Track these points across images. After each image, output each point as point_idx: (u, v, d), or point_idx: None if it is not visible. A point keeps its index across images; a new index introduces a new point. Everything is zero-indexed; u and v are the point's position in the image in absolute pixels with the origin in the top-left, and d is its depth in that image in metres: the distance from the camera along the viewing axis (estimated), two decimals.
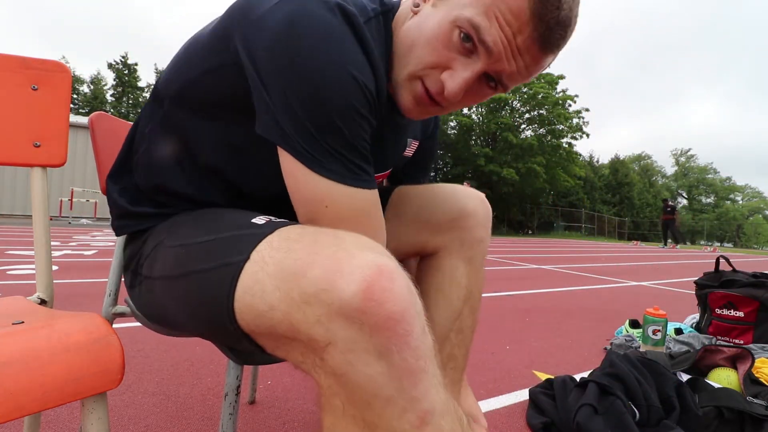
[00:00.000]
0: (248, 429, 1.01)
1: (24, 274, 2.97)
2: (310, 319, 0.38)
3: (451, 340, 0.77)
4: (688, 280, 4.52)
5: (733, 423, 1.01)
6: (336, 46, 0.45)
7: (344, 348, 0.37)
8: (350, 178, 0.48)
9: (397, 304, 0.37)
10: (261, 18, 0.45)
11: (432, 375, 0.40)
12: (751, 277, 1.78)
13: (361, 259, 0.38)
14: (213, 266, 0.46)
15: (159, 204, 0.62)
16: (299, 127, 0.45)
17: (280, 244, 0.43)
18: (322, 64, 0.44)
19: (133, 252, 0.63)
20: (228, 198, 0.61)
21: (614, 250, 11.14)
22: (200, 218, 0.56)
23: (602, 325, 2.26)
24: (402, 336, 0.37)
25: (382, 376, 0.37)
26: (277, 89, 0.45)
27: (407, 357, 0.37)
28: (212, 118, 0.55)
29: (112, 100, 24.25)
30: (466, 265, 0.77)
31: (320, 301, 0.38)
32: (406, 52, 0.55)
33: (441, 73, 0.53)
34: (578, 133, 22.47)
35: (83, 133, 12.92)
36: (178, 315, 0.53)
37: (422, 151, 0.84)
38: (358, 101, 0.46)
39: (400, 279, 0.39)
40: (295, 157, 0.47)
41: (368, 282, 0.37)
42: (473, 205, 0.77)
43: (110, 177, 0.65)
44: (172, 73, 0.57)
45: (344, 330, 0.37)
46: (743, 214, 43.50)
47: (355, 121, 0.46)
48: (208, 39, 0.52)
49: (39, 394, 0.39)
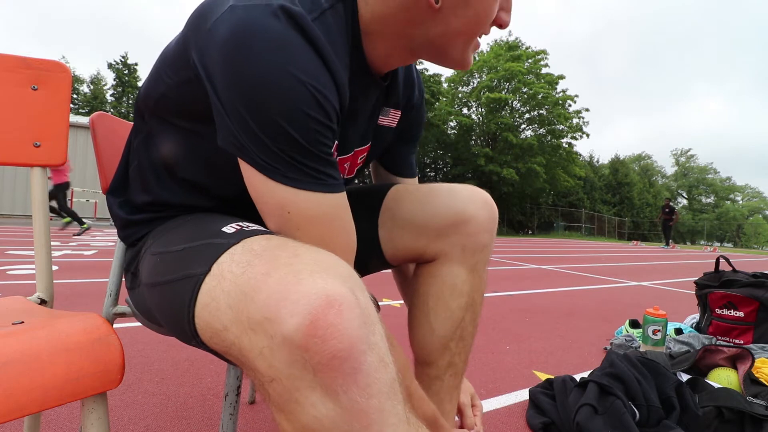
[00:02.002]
0: (248, 429, 1.01)
1: (24, 274, 2.96)
2: (255, 350, 0.36)
3: (452, 349, 0.76)
4: (688, 280, 4.52)
5: (733, 423, 1.01)
6: (282, 53, 0.44)
7: (288, 386, 0.35)
8: (310, 184, 0.47)
9: (342, 341, 0.34)
10: (210, 30, 0.45)
11: (389, 413, 0.37)
12: (751, 277, 1.78)
13: (309, 287, 0.36)
14: (177, 278, 0.46)
15: (154, 211, 0.63)
16: (252, 137, 0.45)
17: (241, 258, 0.41)
18: (266, 72, 0.43)
19: (132, 255, 0.64)
20: (216, 204, 0.61)
21: (614, 250, 11.13)
22: (183, 225, 0.56)
23: (602, 325, 2.26)
24: (349, 375, 0.35)
25: (328, 418, 0.35)
26: (229, 101, 0.44)
27: (356, 397, 0.35)
28: (184, 129, 0.55)
29: (112, 100, 24.24)
30: (468, 273, 0.74)
31: (264, 331, 0.35)
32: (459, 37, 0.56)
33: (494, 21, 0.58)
34: (578, 133, 22.46)
35: (83, 133, 12.93)
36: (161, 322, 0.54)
37: (408, 122, 0.80)
38: (308, 106, 0.45)
39: (350, 310, 0.35)
40: (253, 167, 0.46)
41: (312, 315, 0.34)
42: (475, 207, 0.73)
43: (110, 192, 0.67)
44: (149, 88, 0.57)
45: (287, 367, 0.35)
46: (743, 214, 43.49)
47: (307, 126, 0.45)
48: (173, 53, 0.52)
49: (39, 394, 0.39)
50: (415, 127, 0.84)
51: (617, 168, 37.27)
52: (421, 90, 0.82)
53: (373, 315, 0.38)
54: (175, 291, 0.45)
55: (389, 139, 0.78)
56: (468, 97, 23.89)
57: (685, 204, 47.14)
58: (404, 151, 0.85)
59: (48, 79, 0.71)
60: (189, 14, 0.51)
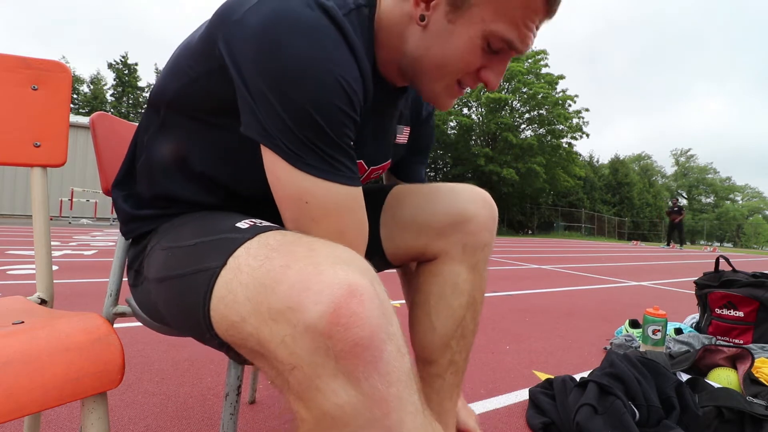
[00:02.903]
0: (248, 429, 1.01)
1: (24, 274, 2.96)
2: (276, 338, 0.37)
3: (453, 348, 0.76)
4: (688, 280, 4.52)
5: (733, 423, 1.01)
6: (315, 42, 0.45)
7: (310, 373, 0.36)
8: (330, 174, 0.48)
9: (365, 329, 0.35)
10: (242, 19, 0.46)
11: (407, 401, 0.38)
12: (751, 277, 1.78)
13: (331, 277, 0.37)
14: (191, 271, 0.46)
15: (161, 207, 0.62)
16: (279, 123, 0.45)
17: (257, 252, 0.42)
18: (300, 60, 0.44)
19: (137, 251, 0.64)
20: (226, 200, 0.61)
21: (614, 250, 11.13)
22: (193, 221, 0.56)
23: (602, 325, 2.26)
24: (370, 362, 0.35)
25: (350, 405, 0.35)
26: (258, 87, 0.45)
27: (377, 384, 0.36)
28: (206, 123, 0.55)
29: (112, 100, 24.24)
30: (468, 272, 0.74)
31: (286, 320, 0.36)
32: (437, 68, 0.56)
33: (478, 73, 0.57)
34: (578, 133, 22.46)
35: (83, 133, 12.92)
36: (168, 317, 0.54)
37: (418, 137, 0.83)
38: (337, 96, 0.46)
39: (370, 300, 0.36)
40: (276, 153, 0.47)
41: (336, 304, 0.35)
42: (475, 207, 0.74)
43: (115, 185, 0.66)
44: (166, 81, 0.57)
45: (309, 354, 0.35)
46: (743, 214, 43.51)
47: (334, 116, 0.46)
48: (197, 45, 0.52)
49: (39, 394, 0.39)
50: (425, 140, 0.87)
51: (617, 168, 37.27)
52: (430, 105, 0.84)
53: (391, 307, 0.39)
54: (188, 284, 0.45)
55: (401, 154, 0.81)
56: (468, 97, 23.89)
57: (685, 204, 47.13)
58: (415, 161, 0.88)
59: (48, 79, 0.71)
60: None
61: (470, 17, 0.52)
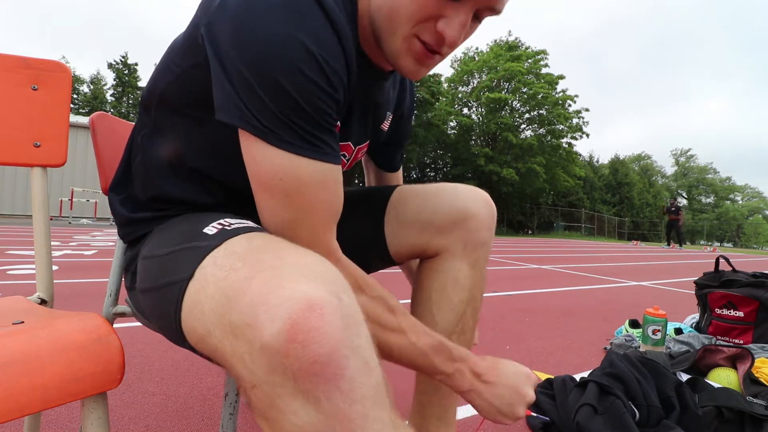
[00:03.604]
0: (248, 429, 1.01)
1: (24, 274, 2.96)
2: (236, 355, 0.35)
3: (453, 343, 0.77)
4: (688, 280, 4.52)
5: (733, 423, 1.01)
6: (294, 19, 0.43)
7: (269, 392, 0.34)
8: (308, 150, 0.47)
9: (323, 345, 0.33)
10: (221, 4, 0.45)
11: (373, 419, 0.35)
12: (750, 277, 1.78)
13: (290, 291, 0.34)
14: (162, 284, 0.46)
15: (157, 209, 0.63)
16: (253, 98, 0.44)
17: (224, 261, 0.41)
18: (278, 36, 0.43)
19: (132, 254, 0.64)
20: (219, 197, 0.61)
21: (614, 250, 11.13)
22: (170, 227, 0.56)
23: (602, 325, 2.26)
24: (331, 380, 0.34)
25: (311, 425, 0.34)
26: (232, 61, 0.44)
27: (338, 403, 0.34)
28: (196, 119, 0.55)
29: (112, 100, 24.25)
30: (469, 268, 0.76)
31: (244, 337, 0.35)
32: (390, 18, 0.52)
33: (435, 23, 0.51)
34: (578, 133, 22.48)
35: (83, 133, 12.92)
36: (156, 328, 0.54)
37: (397, 128, 0.83)
38: (315, 73, 0.45)
39: (332, 314, 0.34)
40: (252, 134, 0.45)
41: (292, 320, 0.33)
42: (476, 206, 0.76)
43: (112, 188, 0.66)
44: (155, 79, 0.57)
45: (267, 374, 0.34)
46: (743, 214, 43.52)
47: (312, 92, 0.45)
48: (182, 40, 0.52)
49: (39, 394, 0.39)
50: (403, 134, 0.88)
51: (617, 168, 37.30)
52: (413, 98, 0.85)
53: (358, 317, 0.37)
54: (162, 297, 0.45)
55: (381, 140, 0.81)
56: (468, 97, 23.91)
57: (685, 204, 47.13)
58: (393, 149, 0.90)
59: (48, 79, 0.71)
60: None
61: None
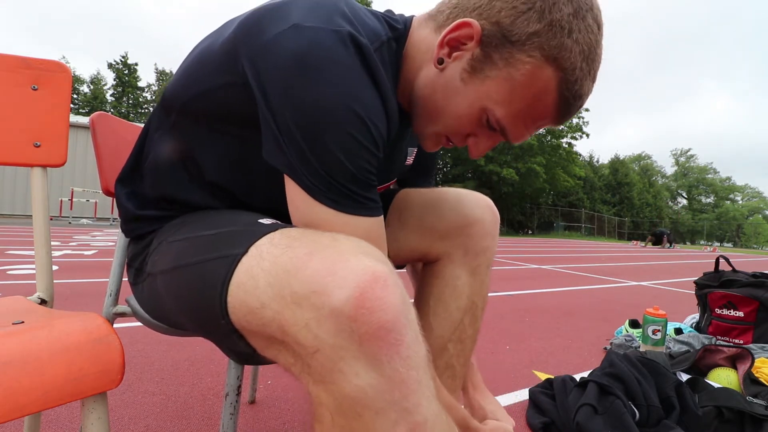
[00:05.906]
0: (248, 429, 1.02)
1: (24, 274, 2.96)
2: (299, 322, 0.37)
3: (449, 351, 0.76)
4: (688, 280, 4.53)
5: (733, 423, 1.01)
6: (344, 81, 0.44)
7: (333, 356, 0.36)
8: (351, 207, 0.48)
9: (388, 313, 0.36)
10: (270, 44, 0.45)
11: (425, 386, 0.39)
12: (751, 277, 1.78)
13: (356, 264, 0.38)
14: (210, 258, 0.46)
15: (165, 209, 0.62)
16: (304, 160, 0.45)
17: (280, 241, 0.43)
18: (328, 100, 0.44)
19: (138, 249, 0.64)
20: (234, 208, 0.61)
21: (614, 250, 11.14)
22: (208, 216, 0.56)
23: (602, 325, 2.26)
24: (393, 345, 0.36)
25: (372, 387, 0.36)
26: (284, 120, 0.45)
27: (398, 367, 0.37)
28: (220, 132, 0.55)
29: (112, 100, 24.28)
30: (468, 275, 0.75)
31: (310, 304, 0.37)
32: (430, 114, 0.57)
33: (466, 137, 0.58)
34: (578, 133, 22.48)
35: (83, 133, 12.93)
36: (175, 310, 0.53)
37: (423, 159, 0.83)
38: (365, 138, 0.46)
39: (393, 287, 0.38)
40: (299, 186, 0.47)
41: (361, 288, 0.36)
42: (480, 212, 0.75)
43: (119, 181, 0.66)
44: (182, 84, 0.56)
45: (333, 337, 0.36)
46: (743, 214, 43.52)
47: (360, 157, 0.46)
48: (218, 54, 0.51)
49: (39, 394, 0.39)
50: (430, 163, 0.88)
51: (617, 168, 37.31)
52: None
53: (408, 296, 0.40)
54: (205, 271, 0.45)
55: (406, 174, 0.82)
56: None
57: (685, 204, 47.18)
58: (422, 182, 0.89)
59: (48, 79, 0.71)
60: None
61: (481, 87, 0.52)
